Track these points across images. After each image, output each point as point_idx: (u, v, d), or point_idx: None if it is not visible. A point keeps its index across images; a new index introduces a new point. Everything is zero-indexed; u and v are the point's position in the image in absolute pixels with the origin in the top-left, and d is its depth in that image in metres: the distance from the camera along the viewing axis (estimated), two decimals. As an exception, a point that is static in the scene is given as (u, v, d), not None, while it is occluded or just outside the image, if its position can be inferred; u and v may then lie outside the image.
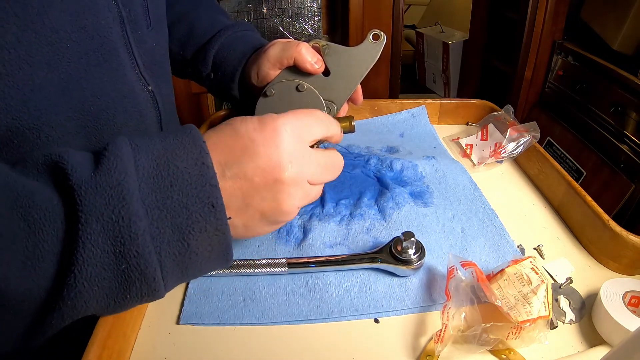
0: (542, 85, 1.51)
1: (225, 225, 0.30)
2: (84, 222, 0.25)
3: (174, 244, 0.28)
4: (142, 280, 0.27)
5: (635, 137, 1.12)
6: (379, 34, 0.48)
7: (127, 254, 0.26)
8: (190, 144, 0.30)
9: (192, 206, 0.28)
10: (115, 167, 0.27)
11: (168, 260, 0.28)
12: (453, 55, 2.13)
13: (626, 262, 0.44)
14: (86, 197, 0.26)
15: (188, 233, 0.28)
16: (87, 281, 0.26)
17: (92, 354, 0.31)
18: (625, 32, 1.16)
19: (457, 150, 0.67)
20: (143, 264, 0.27)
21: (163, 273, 0.28)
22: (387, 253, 0.43)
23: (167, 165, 0.29)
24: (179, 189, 0.28)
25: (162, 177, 0.28)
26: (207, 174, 0.29)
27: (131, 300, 0.28)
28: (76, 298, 0.26)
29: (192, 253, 0.29)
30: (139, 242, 0.26)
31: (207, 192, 0.29)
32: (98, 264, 0.26)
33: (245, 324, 0.39)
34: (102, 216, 0.26)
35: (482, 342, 0.35)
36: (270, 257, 0.44)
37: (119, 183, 0.26)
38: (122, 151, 0.28)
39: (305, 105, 0.49)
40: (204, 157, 0.29)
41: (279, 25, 1.54)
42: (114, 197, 0.26)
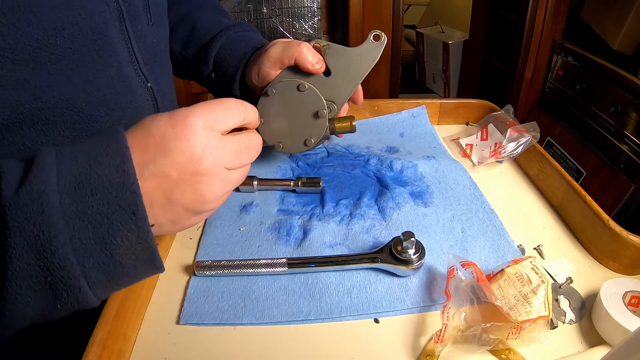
0: (542, 85, 1.51)
1: (147, 232, 0.29)
2: (9, 237, 0.26)
3: (97, 254, 0.28)
4: (68, 291, 0.27)
5: (635, 137, 1.12)
6: (379, 35, 0.48)
7: (51, 267, 0.27)
8: (114, 150, 0.30)
9: (113, 215, 0.28)
10: (36, 180, 0.27)
11: (93, 270, 0.28)
12: (453, 55, 2.13)
13: (626, 262, 0.44)
14: (9, 212, 0.26)
15: (110, 242, 0.28)
16: (19, 294, 0.26)
17: (92, 354, 0.31)
18: (625, 32, 1.16)
19: (457, 150, 0.67)
20: (67, 275, 0.27)
21: (90, 283, 0.28)
22: (387, 253, 0.43)
23: (89, 173, 0.28)
24: (100, 197, 0.28)
25: (84, 187, 0.28)
26: (128, 181, 0.29)
27: (63, 309, 0.28)
28: (12, 309, 0.27)
29: (117, 262, 0.29)
30: (60, 255, 0.26)
31: (127, 200, 0.28)
32: (26, 277, 0.26)
33: (245, 324, 0.39)
34: (24, 231, 0.26)
35: (482, 342, 0.35)
36: (270, 257, 0.44)
37: (39, 196, 0.26)
38: (45, 162, 0.28)
39: (306, 105, 0.49)
40: (126, 163, 0.29)
41: (279, 25, 1.54)
42: (35, 210, 0.26)
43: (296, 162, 0.62)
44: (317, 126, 0.50)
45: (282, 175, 0.59)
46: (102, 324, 0.33)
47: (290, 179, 0.57)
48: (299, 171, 0.61)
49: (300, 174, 0.59)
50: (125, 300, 0.37)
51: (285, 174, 0.59)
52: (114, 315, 0.34)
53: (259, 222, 0.51)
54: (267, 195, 0.56)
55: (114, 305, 0.35)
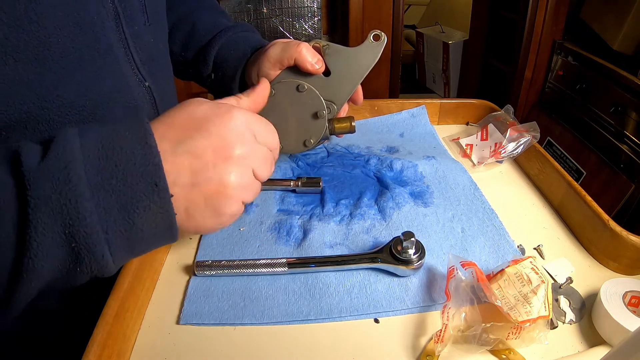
0: (542, 85, 1.51)
1: (168, 202, 0.30)
2: (34, 206, 0.27)
3: (120, 222, 0.29)
4: (91, 257, 0.28)
5: (635, 137, 1.12)
6: (379, 35, 0.48)
7: (76, 234, 0.28)
8: (135, 126, 0.31)
9: (136, 185, 0.29)
10: (62, 152, 0.28)
11: (115, 238, 0.29)
12: (453, 55, 2.13)
13: (626, 262, 0.44)
14: (35, 182, 0.27)
15: (133, 212, 0.29)
16: (42, 261, 0.27)
17: (92, 354, 0.31)
18: (625, 32, 1.16)
19: (457, 150, 0.67)
20: (91, 242, 0.28)
21: (111, 250, 0.29)
22: (387, 253, 0.43)
23: (112, 146, 0.30)
24: (123, 168, 0.29)
25: (108, 158, 0.29)
26: (150, 154, 0.30)
27: (82, 273, 0.29)
28: (34, 277, 0.28)
29: (138, 230, 0.30)
30: (87, 223, 0.28)
31: (150, 172, 0.29)
32: (51, 245, 0.27)
33: (245, 323, 0.39)
34: (50, 199, 0.27)
35: (482, 342, 0.35)
36: (270, 257, 0.44)
37: (65, 166, 0.28)
38: (68, 137, 0.29)
39: (306, 105, 0.49)
40: (148, 137, 0.30)
41: (279, 25, 1.54)
42: (61, 180, 0.27)
43: (296, 162, 0.62)
44: (316, 126, 0.50)
45: (282, 175, 0.59)
46: (102, 324, 0.33)
47: (290, 178, 0.57)
48: (299, 171, 0.61)
49: (300, 174, 0.59)
50: (125, 300, 0.37)
51: (285, 174, 0.59)
52: (114, 315, 0.34)
53: (259, 222, 0.51)
54: (267, 195, 0.56)
55: (114, 305, 0.35)
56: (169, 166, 0.31)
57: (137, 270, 0.40)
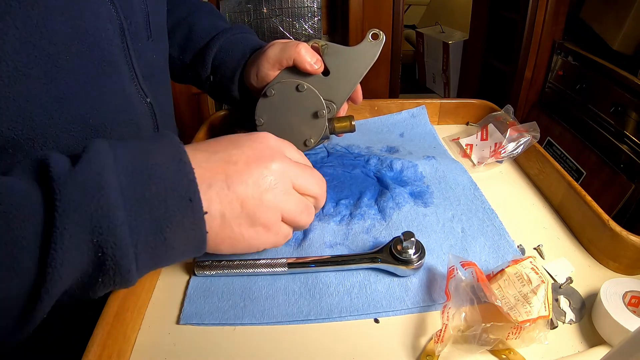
0: (542, 85, 1.51)
1: (201, 219, 0.30)
2: (62, 211, 0.25)
3: (150, 236, 0.28)
4: (116, 269, 0.28)
5: (635, 137, 1.12)
6: (378, 34, 0.48)
7: (104, 244, 0.26)
8: (168, 143, 0.31)
9: (170, 200, 0.28)
10: (94, 160, 0.27)
11: (144, 252, 0.28)
12: (453, 55, 2.13)
13: (626, 262, 0.44)
14: (65, 186, 0.26)
15: (165, 227, 0.28)
16: (65, 271, 0.26)
17: (92, 354, 0.31)
18: (625, 32, 1.16)
19: (457, 150, 0.67)
20: (119, 255, 0.27)
21: (138, 265, 0.28)
22: (387, 253, 0.43)
23: (146, 159, 0.29)
24: (157, 182, 0.28)
25: (141, 171, 0.28)
26: (185, 169, 0.29)
27: (102, 285, 0.28)
28: (56, 286, 0.26)
29: (168, 246, 0.29)
30: (117, 234, 0.26)
31: (184, 186, 0.29)
32: (76, 253, 0.26)
33: (245, 323, 0.39)
34: (80, 205, 0.26)
35: (482, 342, 0.35)
36: (270, 257, 0.44)
37: (97, 174, 0.27)
38: (100, 146, 0.29)
39: (305, 105, 0.49)
40: (182, 154, 0.30)
41: (279, 25, 1.54)
42: (93, 187, 0.26)
43: (296, 162, 0.62)
44: (316, 126, 0.50)
45: (282, 175, 0.59)
46: (102, 324, 0.33)
47: (290, 179, 0.57)
48: (299, 171, 0.61)
49: (300, 174, 0.59)
50: (125, 301, 0.37)
51: (285, 174, 0.59)
52: (114, 315, 0.34)
53: (259, 222, 0.51)
54: (267, 195, 0.56)
55: (114, 305, 0.35)
56: (203, 171, 0.30)
57: (137, 270, 0.40)
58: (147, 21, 0.47)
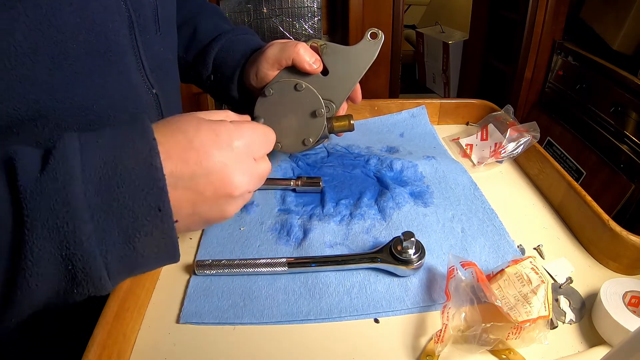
0: (542, 85, 1.51)
1: (171, 228, 0.30)
2: (30, 227, 0.26)
3: (119, 246, 0.28)
4: (88, 280, 0.28)
5: (635, 137, 1.12)
6: (376, 33, 0.48)
7: (73, 258, 0.27)
8: (141, 139, 0.29)
9: (138, 209, 0.28)
10: (61, 170, 0.27)
11: (114, 262, 0.28)
12: (453, 55, 2.13)
13: (626, 262, 0.44)
14: (31, 201, 0.26)
15: (134, 236, 0.28)
16: (37, 282, 0.26)
17: (92, 354, 0.31)
18: (625, 32, 1.16)
19: (457, 150, 0.67)
20: (89, 267, 0.27)
21: (109, 273, 0.28)
22: (387, 253, 0.43)
23: (115, 164, 0.28)
24: (126, 190, 0.28)
25: (109, 178, 0.28)
26: (155, 176, 0.28)
27: (78, 294, 0.29)
28: (29, 296, 0.27)
29: (139, 255, 0.29)
30: (84, 247, 0.27)
31: (154, 196, 0.28)
32: (46, 266, 0.26)
33: (245, 323, 0.39)
34: (47, 221, 0.26)
35: (482, 342, 0.35)
36: (270, 257, 0.44)
37: (63, 187, 0.26)
38: (68, 150, 0.28)
39: (304, 104, 0.49)
40: (153, 157, 0.29)
41: (279, 25, 1.54)
42: (59, 201, 0.26)
43: (296, 162, 0.62)
44: (315, 125, 0.50)
45: (283, 175, 0.59)
46: (102, 324, 0.33)
47: (290, 178, 0.57)
48: (299, 171, 0.61)
49: (301, 174, 0.59)
50: (125, 301, 0.37)
51: (285, 173, 0.59)
52: (114, 315, 0.34)
53: (259, 222, 0.51)
54: (267, 195, 0.56)
55: (114, 305, 0.35)
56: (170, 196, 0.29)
57: (137, 270, 0.40)
58: (156, 15, 0.47)
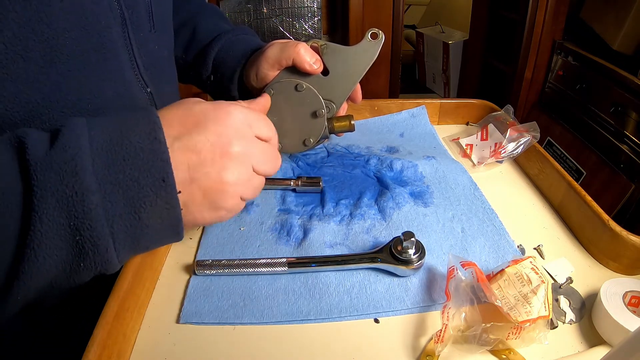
0: (542, 85, 1.51)
1: (175, 199, 0.31)
2: (40, 197, 0.27)
3: (125, 217, 0.29)
4: (95, 251, 0.28)
5: (635, 137, 1.12)
6: (377, 33, 0.48)
7: (81, 227, 0.28)
8: (144, 119, 0.31)
9: (144, 180, 0.29)
10: (70, 143, 0.28)
11: (120, 232, 0.29)
12: (453, 55, 2.13)
13: (626, 262, 0.44)
14: (41, 172, 0.27)
15: (139, 207, 0.29)
16: (46, 254, 0.27)
17: (92, 354, 0.31)
18: (625, 32, 1.16)
19: (457, 150, 0.67)
20: (96, 236, 0.28)
21: (115, 245, 0.29)
22: (387, 253, 0.43)
23: (121, 139, 0.30)
24: (131, 163, 0.29)
25: (116, 152, 0.29)
26: (159, 149, 0.30)
27: (85, 269, 0.29)
28: (36, 270, 0.27)
29: (144, 225, 0.30)
30: (92, 216, 0.28)
31: (158, 168, 0.30)
32: (55, 237, 0.27)
33: (245, 323, 0.39)
34: (57, 191, 0.27)
35: (482, 342, 0.35)
36: (270, 257, 0.44)
37: (72, 158, 0.28)
38: (77, 127, 0.29)
39: (304, 104, 0.49)
40: (157, 131, 0.30)
41: (279, 25, 1.54)
42: (68, 172, 0.27)
43: (296, 162, 0.62)
44: (315, 126, 0.50)
45: (282, 175, 0.59)
46: (102, 324, 0.33)
47: (290, 178, 0.57)
48: (299, 171, 0.61)
49: (301, 174, 0.59)
50: (125, 300, 0.37)
51: (285, 173, 0.59)
52: (114, 315, 0.34)
53: (259, 222, 0.51)
54: (267, 195, 0.56)
55: (114, 305, 0.35)
56: None
57: (137, 270, 0.40)
58: (150, 12, 0.47)
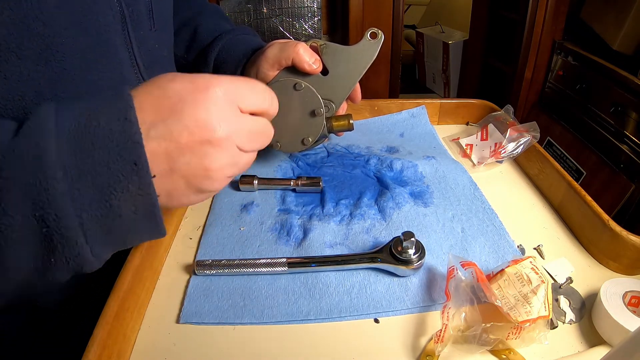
0: (542, 85, 1.51)
1: (149, 184, 0.28)
2: (4, 187, 0.25)
3: (95, 205, 0.27)
4: (65, 243, 0.27)
5: (635, 137, 1.12)
6: (376, 33, 0.48)
7: (47, 218, 0.26)
8: (115, 98, 0.29)
9: (114, 165, 0.27)
10: (34, 130, 0.26)
11: (90, 223, 0.27)
12: (453, 55, 2.13)
13: (626, 262, 0.44)
14: (5, 161, 0.25)
15: (110, 193, 0.27)
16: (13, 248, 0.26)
17: (92, 354, 0.31)
18: (625, 32, 1.16)
19: (457, 150, 0.67)
20: (63, 226, 0.26)
21: (87, 237, 0.27)
22: (387, 253, 0.43)
23: (89, 122, 0.27)
24: (100, 147, 0.27)
25: (83, 136, 0.27)
26: (130, 130, 0.28)
27: (58, 265, 0.27)
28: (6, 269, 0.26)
29: (116, 215, 0.28)
30: (58, 205, 0.26)
31: (129, 150, 0.27)
32: (21, 229, 0.26)
33: (245, 323, 0.39)
34: (20, 180, 0.25)
35: (482, 342, 0.35)
36: (270, 257, 0.44)
37: (36, 144, 0.26)
38: (43, 112, 0.27)
39: (303, 103, 0.49)
40: (128, 111, 0.28)
41: (279, 25, 1.54)
42: (31, 159, 0.26)
43: (296, 162, 0.62)
44: (314, 125, 0.50)
45: (283, 175, 0.59)
46: (102, 324, 0.33)
47: (290, 178, 0.57)
48: (299, 171, 0.61)
49: (301, 174, 0.59)
50: (125, 300, 0.37)
51: (285, 173, 0.59)
52: (114, 315, 0.34)
53: (259, 222, 0.51)
54: (267, 195, 0.56)
55: (114, 305, 0.35)
56: None
57: (137, 270, 0.40)
58: (150, 10, 0.47)
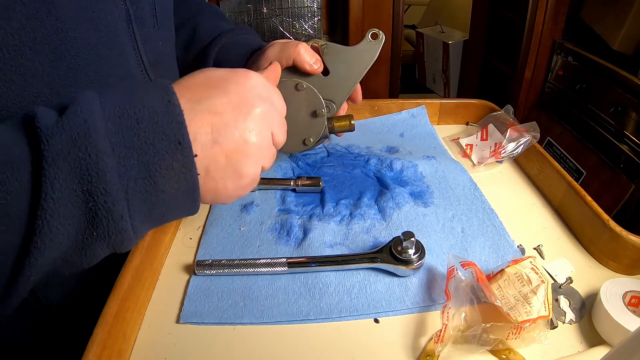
0: (542, 85, 1.51)
1: (191, 162, 0.29)
2: (50, 161, 0.25)
3: (140, 181, 0.28)
4: (110, 218, 0.27)
5: (635, 137, 1.12)
6: (377, 33, 0.48)
7: (95, 192, 0.26)
8: (156, 86, 0.30)
9: (159, 143, 0.28)
10: (81, 109, 0.27)
11: (135, 198, 0.28)
12: (453, 55, 2.13)
13: (626, 262, 0.44)
14: (52, 136, 0.25)
15: (155, 170, 0.28)
16: (58, 222, 0.26)
17: (92, 354, 0.31)
18: (625, 32, 1.16)
19: (457, 150, 0.67)
20: (110, 201, 0.27)
21: (130, 212, 0.28)
22: (387, 253, 0.43)
23: (134, 103, 0.29)
24: (146, 126, 0.28)
25: (129, 116, 0.28)
26: (174, 111, 0.29)
27: (98, 240, 0.28)
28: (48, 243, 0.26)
29: (159, 191, 0.29)
30: (107, 179, 0.26)
31: (173, 129, 0.29)
32: (67, 204, 0.26)
33: (245, 323, 0.39)
34: (69, 154, 0.26)
35: (482, 342, 0.35)
36: (270, 257, 0.44)
37: (84, 121, 0.26)
38: (87, 95, 0.28)
39: (304, 104, 0.49)
40: (170, 95, 0.30)
41: (279, 25, 1.54)
42: (80, 135, 0.26)
43: (296, 162, 0.62)
44: (315, 125, 0.50)
45: (283, 175, 0.59)
46: (102, 324, 0.33)
47: (290, 178, 0.57)
48: (299, 171, 0.61)
49: (301, 174, 0.59)
50: (125, 300, 0.37)
51: (285, 173, 0.59)
52: (114, 315, 0.34)
53: (259, 222, 0.51)
54: (267, 195, 0.56)
55: (114, 306, 0.35)
56: (187, 123, 0.30)
57: (137, 270, 0.40)
58: (154, 9, 0.47)
